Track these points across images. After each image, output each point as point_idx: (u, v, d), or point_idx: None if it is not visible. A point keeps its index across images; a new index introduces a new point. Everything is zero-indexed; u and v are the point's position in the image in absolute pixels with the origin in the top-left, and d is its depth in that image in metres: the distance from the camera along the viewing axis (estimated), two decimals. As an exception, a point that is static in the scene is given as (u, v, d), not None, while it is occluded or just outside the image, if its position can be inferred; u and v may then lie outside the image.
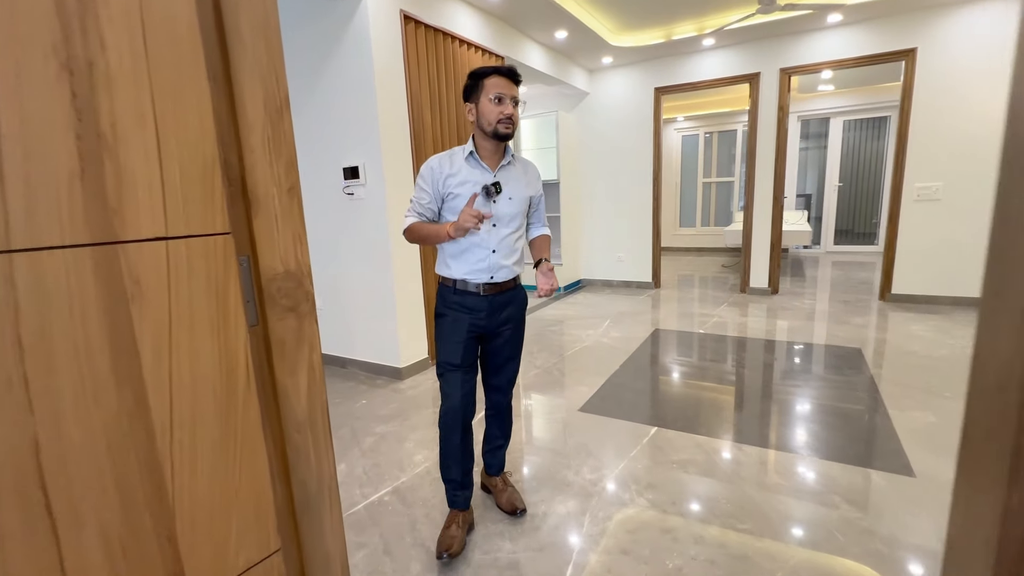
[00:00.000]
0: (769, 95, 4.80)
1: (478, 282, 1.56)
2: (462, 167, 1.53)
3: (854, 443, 2.18)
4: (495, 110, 1.47)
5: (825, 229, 7.99)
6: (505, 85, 1.47)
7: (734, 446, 2.19)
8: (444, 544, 1.59)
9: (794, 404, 2.60)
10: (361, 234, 3.15)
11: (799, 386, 2.83)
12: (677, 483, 1.95)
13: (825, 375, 2.98)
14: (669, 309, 4.79)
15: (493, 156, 1.56)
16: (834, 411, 2.49)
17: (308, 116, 3.18)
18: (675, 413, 2.55)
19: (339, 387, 3.12)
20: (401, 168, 3.06)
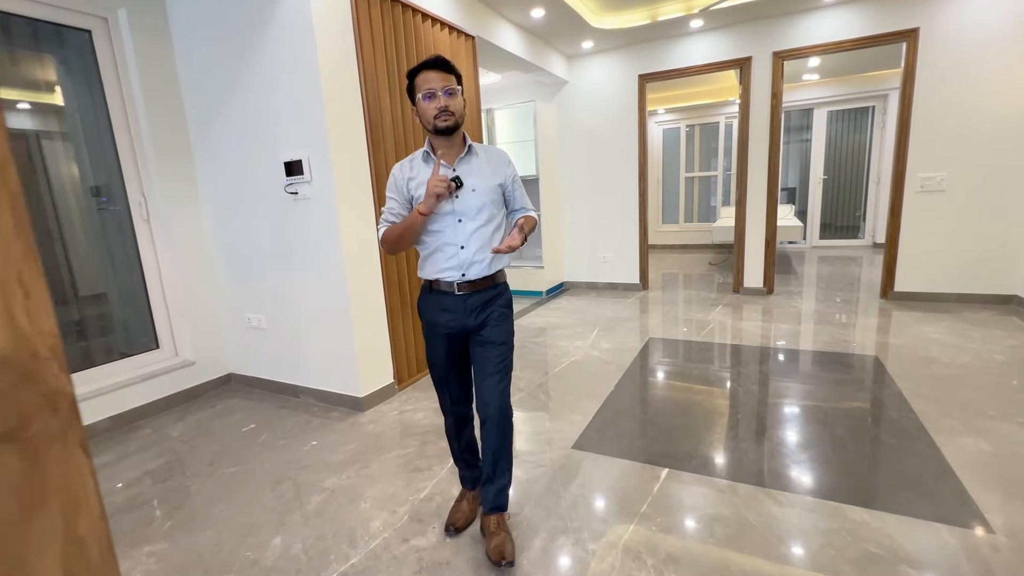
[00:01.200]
0: (762, 81, 4.47)
1: (451, 280, 1.53)
2: (421, 168, 1.53)
3: (906, 485, 1.81)
4: (429, 107, 1.45)
5: (810, 223, 7.78)
6: (433, 78, 1.44)
7: (766, 494, 1.80)
8: (452, 517, 1.72)
9: (824, 432, 2.23)
10: (308, 240, 2.65)
11: (823, 406, 2.46)
12: (704, 555, 1.54)
13: (849, 392, 2.62)
14: (661, 314, 4.42)
15: (450, 151, 1.53)
16: (871, 439, 2.13)
17: (240, 102, 2.67)
18: (687, 448, 2.15)
19: (287, 423, 2.63)
20: (354, 160, 2.58)
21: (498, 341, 1.56)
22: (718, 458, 2.05)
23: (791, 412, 2.43)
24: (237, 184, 2.84)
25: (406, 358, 3.04)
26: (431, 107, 1.45)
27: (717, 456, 2.07)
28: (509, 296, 1.63)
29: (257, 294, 2.97)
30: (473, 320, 1.55)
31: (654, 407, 2.58)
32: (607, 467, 2.04)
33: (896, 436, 2.14)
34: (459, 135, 1.53)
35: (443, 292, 1.55)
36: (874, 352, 3.14)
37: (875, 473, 1.89)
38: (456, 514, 1.71)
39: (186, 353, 3.03)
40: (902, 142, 4.08)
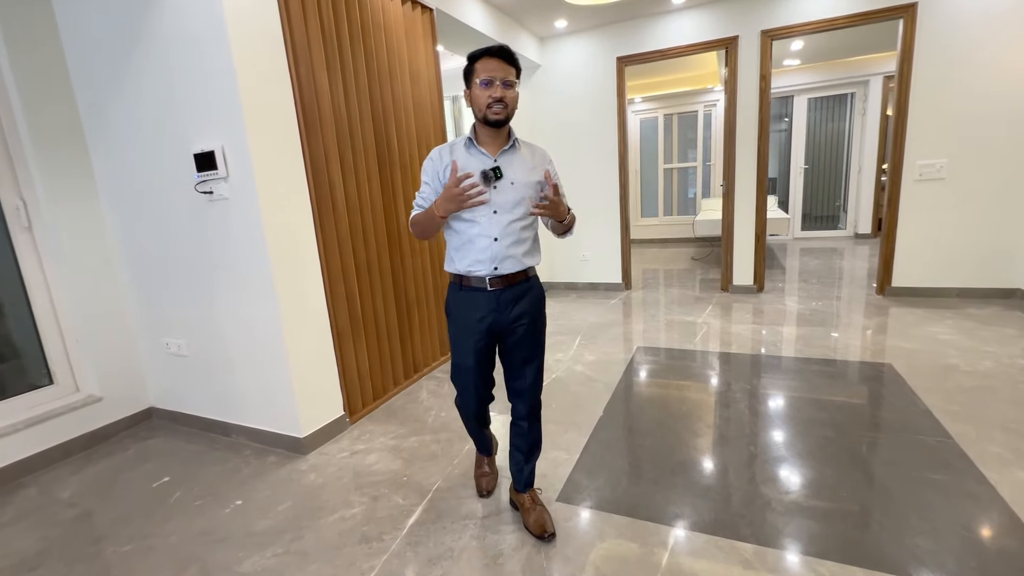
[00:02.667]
0: (749, 63, 4.13)
1: (482, 275, 1.51)
2: (461, 155, 1.49)
3: (975, 544, 1.47)
4: (484, 95, 1.42)
5: (792, 214, 7.56)
6: (495, 67, 1.41)
7: (805, 565, 1.43)
8: (481, 483, 1.85)
9: (858, 471, 1.88)
10: (229, 249, 2.17)
11: (849, 433, 2.12)
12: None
13: (874, 412, 2.29)
14: (647, 317, 4.06)
15: (493, 142, 1.50)
16: (913, 478, 1.79)
17: (137, 81, 2.16)
18: (695, 495, 1.77)
19: (209, 474, 2.16)
20: (283, 151, 2.11)
21: (535, 347, 1.59)
22: (735, 511, 1.68)
23: (815, 444, 2.07)
24: (143, 182, 2.33)
25: (359, 386, 2.59)
26: (486, 95, 1.41)
27: (733, 507, 1.70)
28: (542, 293, 1.63)
29: (175, 315, 2.47)
30: (507, 316, 1.54)
31: (651, 439, 2.20)
32: (600, 528, 1.64)
33: (939, 469, 1.80)
34: (506, 129, 1.50)
35: (475, 288, 1.53)
36: (887, 359, 2.83)
37: (933, 526, 1.54)
38: (483, 480, 1.86)
39: (90, 388, 2.51)
40: (899, 128, 3.80)
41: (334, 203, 2.39)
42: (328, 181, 2.35)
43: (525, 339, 1.57)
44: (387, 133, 2.74)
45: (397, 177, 2.82)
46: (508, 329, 1.55)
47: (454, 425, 2.42)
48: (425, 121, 3.07)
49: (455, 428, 2.39)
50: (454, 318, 1.59)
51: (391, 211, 2.78)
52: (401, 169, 2.87)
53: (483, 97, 1.41)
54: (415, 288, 3.00)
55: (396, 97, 2.80)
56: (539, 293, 1.61)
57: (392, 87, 2.77)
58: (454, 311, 1.58)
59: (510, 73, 1.42)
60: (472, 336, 1.55)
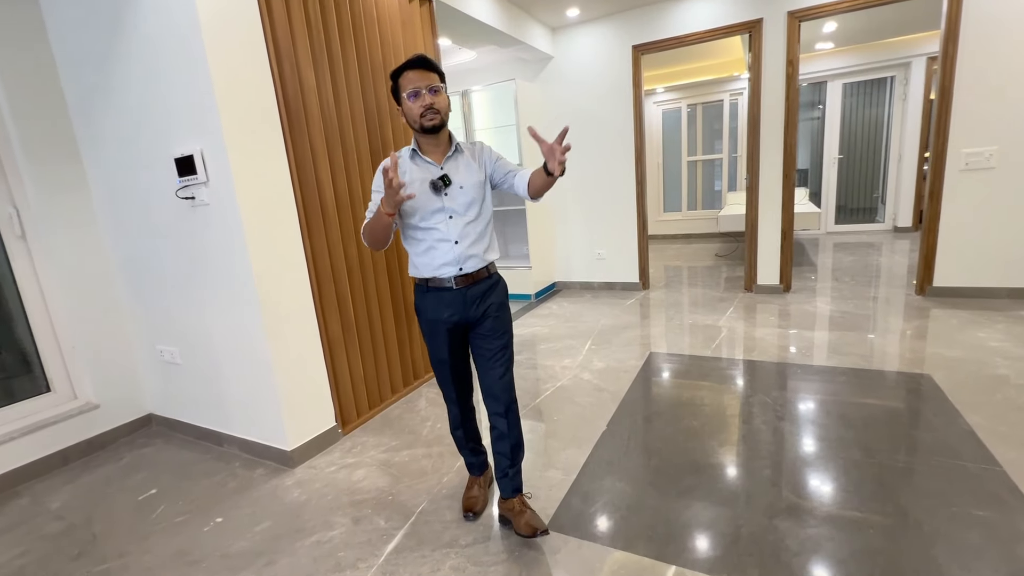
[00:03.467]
0: (775, 47, 3.85)
1: (448, 276, 1.55)
2: (408, 167, 1.53)
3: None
4: (415, 106, 1.46)
5: (825, 207, 7.15)
6: (417, 77, 1.45)
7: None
8: (467, 504, 1.75)
9: (890, 502, 1.67)
10: (212, 256, 2.11)
11: (880, 457, 1.91)
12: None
13: (908, 432, 2.06)
14: (663, 320, 3.86)
15: (436, 149, 1.55)
16: (955, 515, 1.57)
17: (123, 83, 2.11)
18: (701, 528, 1.60)
19: (196, 487, 2.10)
20: (265, 154, 2.02)
21: (499, 332, 1.61)
22: (743, 548, 1.51)
23: (839, 468, 1.87)
24: (131, 188, 2.29)
25: (354, 395, 2.50)
26: (416, 106, 1.46)
27: (742, 544, 1.52)
28: (505, 285, 1.68)
29: (167, 322, 2.43)
30: (474, 312, 1.58)
31: (656, 458, 2.03)
32: (593, 564, 1.49)
33: (985, 504, 1.58)
34: (445, 133, 1.54)
35: (441, 288, 1.57)
36: (924, 368, 2.57)
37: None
38: (471, 500, 1.77)
39: (87, 395, 2.50)
40: (943, 113, 3.47)
41: (323, 205, 2.30)
42: (316, 182, 2.26)
43: (492, 333, 1.61)
44: (382, 131, 2.63)
45: (394, 177, 2.71)
46: (476, 321, 1.60)
47: (448, 438, 2.30)
48: (424, 118, 2.94)
49: (449, 442, 2.27)
50: (424, 318, 1.63)
51: (387, 213, 2.67)
52: (398, 169, 2.75)
53: (415, 109, 1.46)
54: (414, 292, 2.89)
55: (391, 94, 2.68)
56: (503, 287, 1.67)
57: (388, 83, 2.66)
58: (424, 312, 1.63)
59: (433, 80, 1.47)
60: (442, 331, 1.60)
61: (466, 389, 1.75)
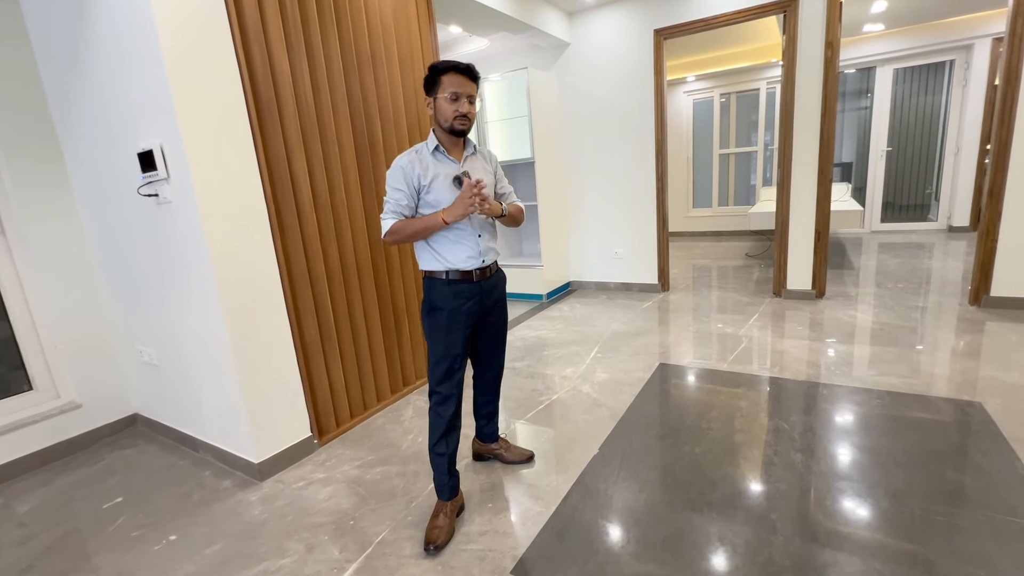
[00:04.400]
0: (812, 28, 3.48)
1: (471, 268, 1.63)
2: (431, 162, 1.58)
3: None
4: (451, 108, 1.53)
5: (870, 204, 6.61)
6: (461, 83, 1.52)
7: None
8: (431, 536, 1.60)
9: (915, 567, 1.40)
10: (178, 256, 2.00)
11: (910, 500, 1.63)
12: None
13: (950, 474, 1.76)
14: (680, 326, 3.58)
15: (456, 149, 1.63)
16: (996, 555, 1.29)
17: (93, 72, 2.01)
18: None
19: (162, 497, 2.01)
20: (229, 149, 1.88)
21: (503, 322, 1.82)
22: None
23: (862, 519, 1.60)
24: (106, 184, 2.20)
25: (333, 403, 2.37)
26: (452, 108, 1.53)
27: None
28: (505, 276, 1.81)
29: (144, 322, 2.36)
30: (487, 303, 1.71)
31: (648, 492, 1.80)
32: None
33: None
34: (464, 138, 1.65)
35: (462, 281, 1.64)
36: (975, 395, 2.23)
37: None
38: (435, 531, 1.62)
39: (70, 394, 2.46)
40: (1008, 99, 3.04)
41: (299, 203, 2.16)
42: (291, 179, 2.12)
43: (498, 322, 1.79)
44: (369, 124, 2.47)
45: (382, 173, 2.55)
46: (488, 312, 1.72)
47: (427, 456, 2.14)
48: (419, 110, 2.77)
49: (427, 460, 2.10)
50: (443, 310, 1.63)
51: (374, 210, 2.52)
52: (387, 161, 2.59)
53: (450, 110, 1.53)
54: (404, 294, 2.74)
55: (380, 84, 2.51)
56: (504, 279, 1.80)
57: (376, 73, 2.49)
58: (442, 304, 1.63)
59: (474, 90, 1.56)
60: (460, 323, 1.65)
61: (462, 386, 1.73)
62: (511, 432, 2.29)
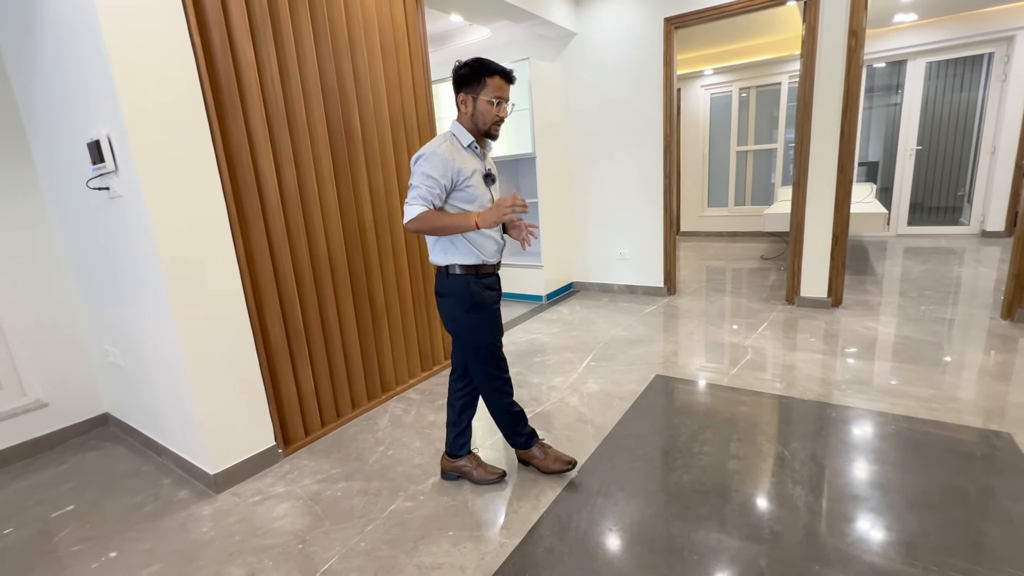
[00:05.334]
0: (835, 16, 3.22)
1: (495, 262, 1.72)
2: (467, 157, 1.61)
3: None
4: (492, 112, 1.57)
5: (897, 206, 6.25)
6: (506, 88, 1.57)
7: None
8: (498, 472, 1.87)
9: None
10: (127, 253, 1.88)
11: (921, 554, 1.42)
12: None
13: (969, 519, 1.55)
14: (683, 334, 3.37)
15: (483, 148, 1.68)
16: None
17: (48, 57, 1.90)
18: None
19: (113, 507, 1.91)
20: (181, 140, 1.75)
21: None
22: None
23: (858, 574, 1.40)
24: (66, 179, 2.10)
25: (302, 411, 2.24)
26: (494, 113, 1.57)
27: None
28: None
29: (108, 322, 2.26)
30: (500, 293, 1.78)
31: (626, 525, 1.63)
32: None
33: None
34: None
35: (490, 274, 1.71)
36: (1004, 424, 2.00)
37: None
38: (494, 469, 1.89)
39: (36, 392, 2.39)
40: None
41: (264, 199, 2.02)
42: (255, 173, 1.99)
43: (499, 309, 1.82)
44: (346, 115, 2.33)
45: (360, 166, 2.41)
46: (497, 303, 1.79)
47: (394, 471, 2.00)
48: (404, 100, 2.61)
49: (393, 476, 1.97)
50: (482, 305, 1.69)
51: (350, 205, 2.38)
52: (367, 157, 2.45)
53: (491, 113, 1.57)
54: (385, 295, 2.59)
55: (359, 72, 2.36)
56: None
57: (354, 60, 2.34)
58: (481, 300, 1.68)
59: (510, 95, 1.61)
60: (496, 313, 1.75)
61: None
62: (475, 451, 2.14)
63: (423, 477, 1.95)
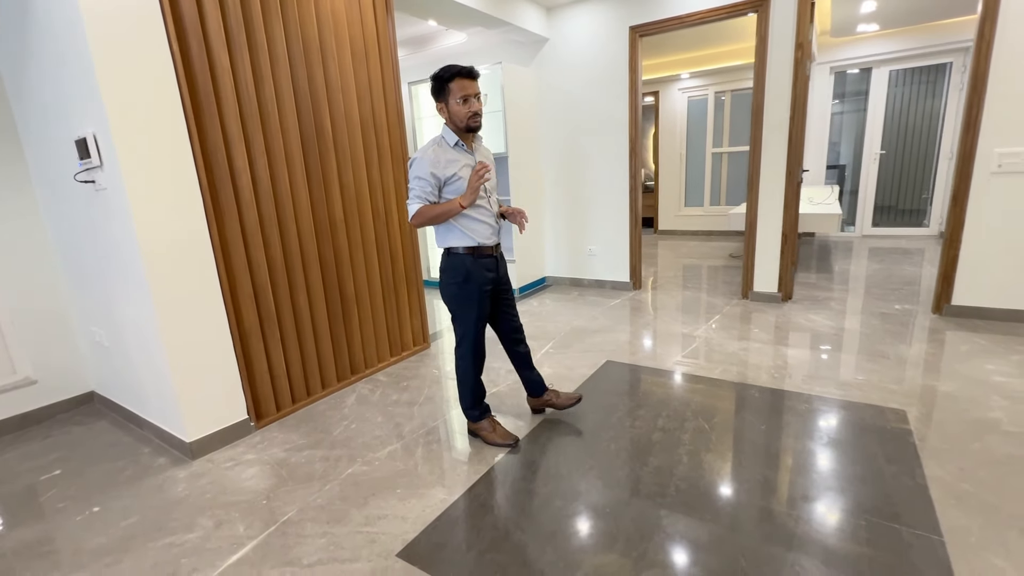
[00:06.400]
0: (783, 29, 3.45)
1: (492, 243, 1.98)
2: (455, 155, 1.87)
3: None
4: (463, 110, 1.82)
5: (862, 208, 6.52)
6: (468, 85, 1.80)
7: None
8: (508, 437, 2.11)
9: (788, 565, 1.43)
10: (112, 241, 2.07)
11: (798, 506, 1.65)
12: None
13: (848, 480, 1.78)
14: (640, 325, 3.60)
15: (469, 141, 1.92)
16: (863, 559, 1.32)
17: (38, 58, 2.08)
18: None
19: (96, 472, 2.10)
20: (160, 138, 1.94)
21: (511, 286, 2.16)
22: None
23: (754, 524, 1.63)
24: (54, 170, 2.28)
25: (273, 388, 2.44)
26: (465, 110, 1.81)
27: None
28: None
29: (94, 305, 2.44)
30: (502, 272, 2.06)
31: (551, 486, 1.84)
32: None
33: (902, 551, 1.31)
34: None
35: (484, 256, 1.96)
36: (903, 403, 2.23)
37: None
38: (506, 434, 2.11)
39: (26, 370, 2.57)
40: (974, 106, 2.99)
41: (238, 193, 2.21)
42: (230, 169, 2.18)
43: (509, 287, 2.13)
44: (318, 116, 2.52)
45: (331, 165, 2.60)
46: (501, 283, 2.07)
47: (355, 442, 2.21)
48: (374, 102, 2.81)
49: (353, 445, 2.17)
50: (472, 281, 1.95)
51: (321, 200, 2.57)
52: (338, 156, 2.64)
53: (463, 112, 1.81)
54: (354, 284, 2.79)
55: (331, 77, 2.56)
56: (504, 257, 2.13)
57: (325, 66, 2.53)
58: (472, 276, 1.94)
59: (478, 88, 1.83)
60: (487, 290, 1.99)
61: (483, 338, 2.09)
62: (434, 429, 2.35)
63: (380, 447, 2.16)
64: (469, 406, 2.13)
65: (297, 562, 1.52)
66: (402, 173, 3.02)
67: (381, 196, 2.91)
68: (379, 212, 2.91)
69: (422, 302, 3.28)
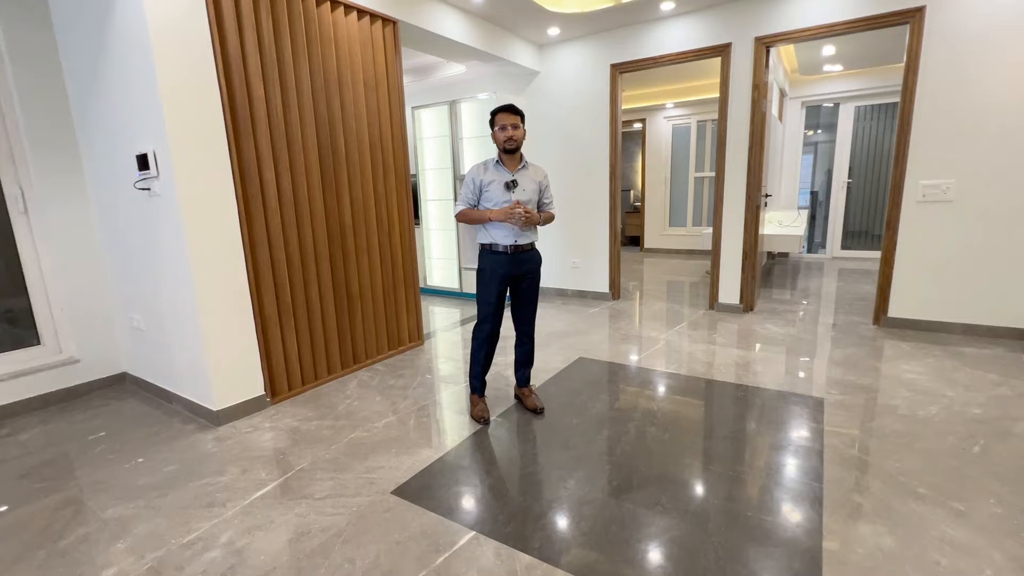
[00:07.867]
0: (742, 71, 3.94)
1: (507, 244, 2.37)
2: (493, 172, 2.37)
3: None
4: (500, 136, 2.32)
5: (832, 232, 7.00)
6: (504, 118, 2.31)
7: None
8: (479, 414, 2.49)
9: (690, 516, 1.82)
10: (162, 241, 2.48)
11: (716, 463, 2.04)
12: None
13: (763, 448, 2.17)
14: (614, 329, 4.00)
15: (511, 162, 2.38)
16: (745, 518, 1.70)
17: (106, 86, 2.51)
18: (514, 511, 1.80)
19: (136, 434, 2.47)
20: (208, 156, 2.36)
21: (535, 285, 2.55)
22: (532, 525, 1.70)
23: (659, 471, 2.02)
24: (111, 178, 2.70)
25: (287, 370, 2.82)
26: (501, 136, 2.32)
27: (532, 521, 1.71)
28: (540, 256, 2.55)
29: (136, 294, 2.84)
30: (517, 270, 2.43)
31: (516, 450, 2.23)
32: (411, 522, 1.72)
33: (775, 513, 1.70)
34: (518, 154, 2.39)
35: (498, 253, 2.39)
36: (824, 393, 2.63)
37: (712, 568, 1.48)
38: (480, 411, 2.50)
39: (71, 351, 2.94)
40: (902, 143, 3.46)
41: (266, 201, 2.63)
42: (260, 181, 2.59)
43: (530, 286, 2.51)
44: (333, 138, 2.95)
45: (344, 179, 3.03)
46: (519, 276, 2.45)
47: (357, 415, 2.58)
48: (382, 126, 3.25)
49: (357, 417, 2.55)
50: (486, 270, 2.42)
51: (333, 208, 2.99)
52: (349, 171, 3.07)
53: (500, 137, 2.32)
54: (359, 283, 3.19)
55: (346, 105, 3.00)
56: (539, 257, 2.53)
57: (342, 95, 2.97)
58: (486, 266, 2.42)
59: (515, 120, 2.31)
60: (495, 279, 2.40)
61: (500, 320, 2.51)
62: (425, 407, 2.73)
63: (378, 419, 2.54)
64: (472, 376, 2.59)
65: (311, 496, 1.90)
66: (403, 187, 3.45)
67: (385, 207, 3.34)
68: (383, 221, 3.33)
69: (418, 303, 3.68)
